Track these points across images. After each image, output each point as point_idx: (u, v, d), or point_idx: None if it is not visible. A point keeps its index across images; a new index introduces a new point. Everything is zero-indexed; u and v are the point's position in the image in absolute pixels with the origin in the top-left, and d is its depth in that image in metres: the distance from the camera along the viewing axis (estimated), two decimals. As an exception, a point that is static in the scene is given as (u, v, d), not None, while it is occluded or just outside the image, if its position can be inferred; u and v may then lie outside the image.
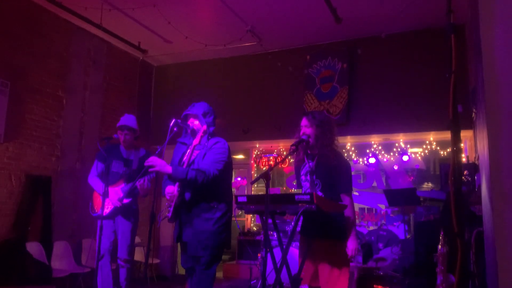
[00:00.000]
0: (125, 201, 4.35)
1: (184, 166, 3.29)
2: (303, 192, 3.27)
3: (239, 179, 5.78)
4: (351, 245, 3.11)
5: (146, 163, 3.13)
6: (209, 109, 3.48)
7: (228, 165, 3.37)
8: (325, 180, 3.18)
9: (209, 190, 3.23)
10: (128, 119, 4.58)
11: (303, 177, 3.34)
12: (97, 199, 4.45)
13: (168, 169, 3.12)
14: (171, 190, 3.26)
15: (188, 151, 3.38)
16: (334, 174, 3.16)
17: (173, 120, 3.27)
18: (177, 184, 3.26)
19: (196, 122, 3.40)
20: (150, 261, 7.10)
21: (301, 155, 3.35)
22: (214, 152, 3.28)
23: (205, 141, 3.36)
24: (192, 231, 3.24)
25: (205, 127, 3.35)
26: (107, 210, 4.37)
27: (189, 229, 3.25)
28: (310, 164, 3.25)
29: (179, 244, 3.45)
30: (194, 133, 3.39)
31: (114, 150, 4.50)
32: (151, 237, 3.05)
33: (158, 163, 3.12)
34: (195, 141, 3.32)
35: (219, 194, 3.31)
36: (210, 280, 3.26)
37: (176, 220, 3.34)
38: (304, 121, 3.32)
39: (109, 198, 4.33)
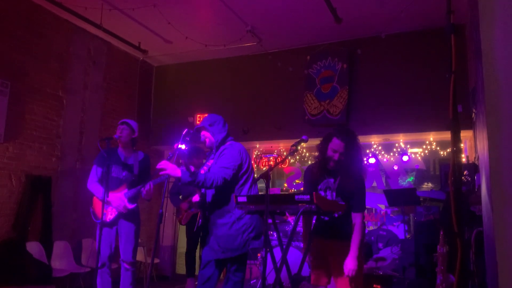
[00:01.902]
0: (130, 206, 4.32)
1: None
2: None
3: None
4: (350, 265, 3.04)
5: (158, 166, 3.22)
6: (215, 118, 3.63)
7: (239, 169, 3.43)
8: (345, 198, 3.20)
9: (222, 195, 3.37)
10: (129, 120, 4.58)
11: (321, 192, 3.33)
12: (98, 205, 4.32)
13: (178, 172, 3.19)
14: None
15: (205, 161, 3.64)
16: (351, 194, 3.20)
17: (185, 130, 3.43)
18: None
19: (206, 133, 3.59)
20: (149, 260, 7.10)
21: (315, 171, 3.33)
22: (224, 157, 3.40)
23: (214, 149, 3.57)
24: (213, 236, 3.40)
25: (216, 139, 3.55)
26: (111, 216, 4.30)
27: (212, 234, 3.43)
28: (331, 180, 3.27)
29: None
30: (210, 143, 3.60)
31: (113, 155, 4.38)
32: (158, 237, 3.10)
33: (169, 167, 3.20)
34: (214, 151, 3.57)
35: (232, 198, 3.37)
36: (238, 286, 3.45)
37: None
38: (337, 145, 3.16)
39: (112, 204, 4.27)
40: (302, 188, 7.47)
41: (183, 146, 3.45)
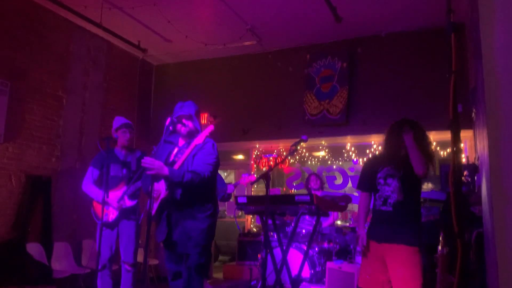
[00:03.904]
0: (130, 203, 4.29)
1: (180, 161, 3.25)
2: (378, 195, 3.26)
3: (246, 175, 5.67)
4: None
5: (143, 164, 3.07)
6: (198, 107, 3.49)
7: (217, 167, 3.35)
8: (407, 183, 3.21)
9: (198, 189, 3.21)
10: (124, 119, 4.58)
11: (381, 181, 3.28)
12: (99, 206, 4.30)
13: (165, 170, 3.07)
14: (158, 187, 3.22)
15: (176, 149, 3.36)
16: (415, 179, 3.20)
17: (169, 119, 3.27)
18: (162, 181, 3.21)
19: (189, 123, 3.38)
20: (150, 262, 7.09)
21: (377, 161, 3.37)
22: (205, 154, 3.27)
23: (196, 141, 3.35)
24: (182, 229, 3.20)
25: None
26: (112, 216, 4.28)
27: (179, 227, 3.22)
28: (389, 168, 3.25)
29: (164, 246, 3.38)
30: (191, 134, 3.39)
31: (111, 154, 4.38)
32: (149, 238, 3.01)
33: (156, 166, 3.06)
34: (197, 141, 3.31)
35: (207, 193, 3.28)
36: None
37: (160, 219, 3.30)
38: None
39: (111, 204, 4.23)
40: (302, 189, 7.45)
41: None
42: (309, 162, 8.06)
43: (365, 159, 7.54)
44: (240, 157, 9.40)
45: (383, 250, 3.12)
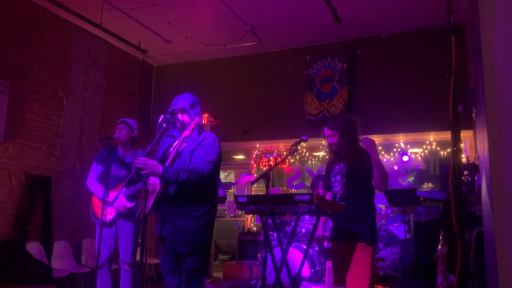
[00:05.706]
0: (129, 205, 4.29)
1: (171, 157, 3.17)
2: (332, 193, 3.38)
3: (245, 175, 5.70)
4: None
5: (136, 164, 2.97)
6: (195, 99, 3.35)
7: (217, 164, 3.21)
8: (353, 179, 3.25)
9: (195, 187, 3.08)
10: (128, 119, 4.57)
11: (332, 179, 3.40)
12: (98, 205, 4.30)
13: (159, 169, 2.97)
14: (154, 181, 3.13)
15: (177, 142, 3.24)
16: (359, 170, 3.22)
17: (162, 116, 3.16)
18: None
19: (185, 116, 3.27)
20: (150, 260, 7.10)
21: (331, 158, 3.46)
22: (204, 150, 3.14)
23: (195, 135, 3.23)
24: (171, 226, 3.10)
25: (196, 119, 3.23)
26: (110, 216, 4.27)
27: (169, 223, 3.12)
28: (341, 165, 3.33)
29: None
30: (184, 127, 3.26)
31: (112, 153, 4.35)
32: (146, 237, 2.99)
33: (150, 165, 2.96)
34: (186, 133, 3.20)
35: (203, 192, 3.15)
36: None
37: (155, 214, 3.22)
38: (326, 131, 3.40)
39: (111, 204, 4.21)
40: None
41: None
42: (309, 162, 8.07)
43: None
44: (240, 157, 9.41)
45: (341, 248, 3.26)
